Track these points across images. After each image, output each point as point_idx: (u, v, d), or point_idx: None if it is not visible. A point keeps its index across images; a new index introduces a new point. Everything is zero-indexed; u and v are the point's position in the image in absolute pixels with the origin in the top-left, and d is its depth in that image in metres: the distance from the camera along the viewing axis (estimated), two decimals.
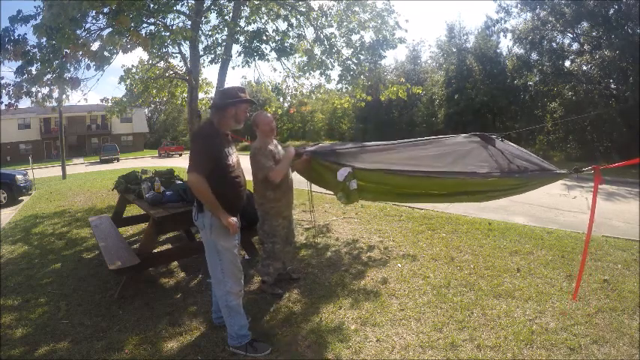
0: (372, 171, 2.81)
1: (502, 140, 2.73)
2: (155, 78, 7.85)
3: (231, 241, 2.41)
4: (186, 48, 6.39)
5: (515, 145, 2.71)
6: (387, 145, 3.09)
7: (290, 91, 7.79)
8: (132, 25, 4.13)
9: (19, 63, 4.56)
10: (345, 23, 6.50)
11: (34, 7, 5.59)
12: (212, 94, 7.14)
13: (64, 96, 5.69)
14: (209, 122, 2.48)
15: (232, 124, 2.46)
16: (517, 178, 2.49)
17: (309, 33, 6.93)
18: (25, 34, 4.64)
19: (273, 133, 3.14)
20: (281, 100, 7.92)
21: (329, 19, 6.56)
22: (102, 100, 8.26)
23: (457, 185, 2.61)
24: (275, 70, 8.95)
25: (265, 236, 3.20)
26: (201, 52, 6.09)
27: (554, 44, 18.61)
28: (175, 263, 4.13)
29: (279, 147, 3.23)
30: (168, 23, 5.85)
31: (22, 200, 9.59)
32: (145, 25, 5.59)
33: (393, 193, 2.94)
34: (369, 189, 2.88)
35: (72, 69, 5.06)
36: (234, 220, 2.33)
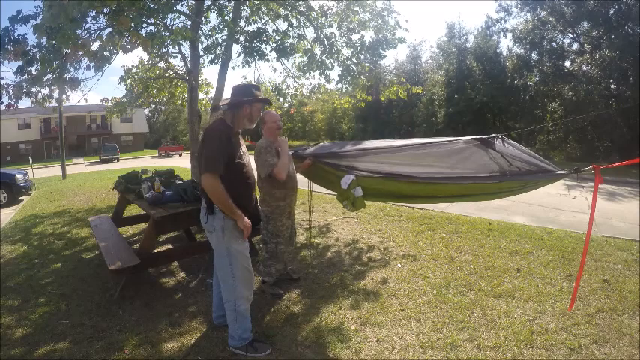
0: (375, 178, 2.82)
1: (501, 139, 2.74)
2: (155, 78, 7.85)
3: (243, 243, 2.35)
4: (186, 48, 6.39)
5: (515, 145, 2.72)
6: (388, 148, 3.10)
7: (290, 91, 7.80)
8: (132, 25, 4.13)
9: (19, 63, 4.56)
10: (345, 23, 6.49)
11: (34, 7, 5.60)
12: (212, 94, 7.12)
13: (64, 96, 5.68)
14: (221, 120, 2.35)
15: (246, 123, 2.38)
16: (517, 181, 2.51)
17: (309, 33, 6.93)
18: (25, 34, 4.63)
19: (279, 131, 3.15)
20: (281, 100, 7.92)
21: (329, 19, 6.56)
22: (102, 100, 8.28)
23: (460, 189, 2.64)
24: (275, 70, 8.97)
25: (269, 236, 3.19)
26: (201, 52, 6.08)
27: (554, 44, 18.65)
28: (175, 263, 4.13)
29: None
30: (168, 23, 5.84)
31: (22, 200, 9.58)
32: (144, 25, 5.59)
33: (395, 196, 2.97)
34: (373, 193, 2.90)
35: (72, 69, 5.05)
36: (249, 222, 2.28)
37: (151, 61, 7.94)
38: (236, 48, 6.05)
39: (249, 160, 2.45)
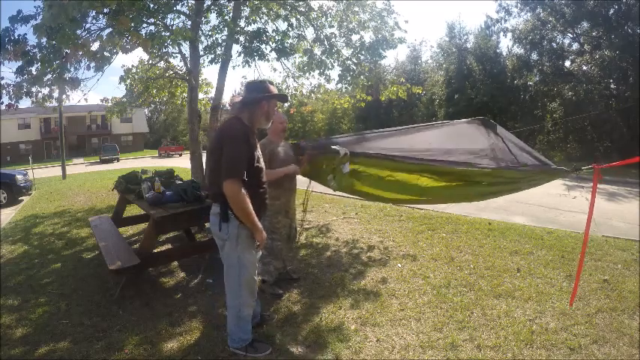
0: (369, 156, 2.81)
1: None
2: (155, 78, 7.85)
3: (255, 253, 2.31)
4: (186, 48, 6.39)
5: (513, 137, 2.72)
6: (387, 132, 3.10)
7: (290, 91, 7.80)
8: (132, 25, 4.13)
9: (19, 63, 4.56)
10: (345, 23, 6.50)
11: (34, 7, 5.61)
12: (212, 94, 7.13)
13: (64, 96, 5.69)
14: (238, 119, 2.17)
15: (262, 121, 2.26)
16: (519, 171, 2.48)
17: (309, 33, 6.93)
18: (25, 34, 4.63)
19: (284, 134, 3.16)
20: None
21: (329, 19, 6.56)
22: (102, 100, 8.29)
23: (452, 172, 2.59)
24: (275, 70, 8.92)
25: (266, 233, 3.19)
26: (201, 52, 6.08)
27: (554, 44, 18.66)
28: (175, 263, 4.13)
29: (285, 147, 3.23)
30: (168, 23, 5.85)
31: (22, 200, 9.58)
32: (144, 25, 5.59)
33: (385, 182, 2.89)
34: (361, 177, 2.87)
35: (72, 69, 5.05)
36: (266, 235, 2.23)
37: (151, 61, 7.94)
38: (236, 48, 6.05)
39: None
